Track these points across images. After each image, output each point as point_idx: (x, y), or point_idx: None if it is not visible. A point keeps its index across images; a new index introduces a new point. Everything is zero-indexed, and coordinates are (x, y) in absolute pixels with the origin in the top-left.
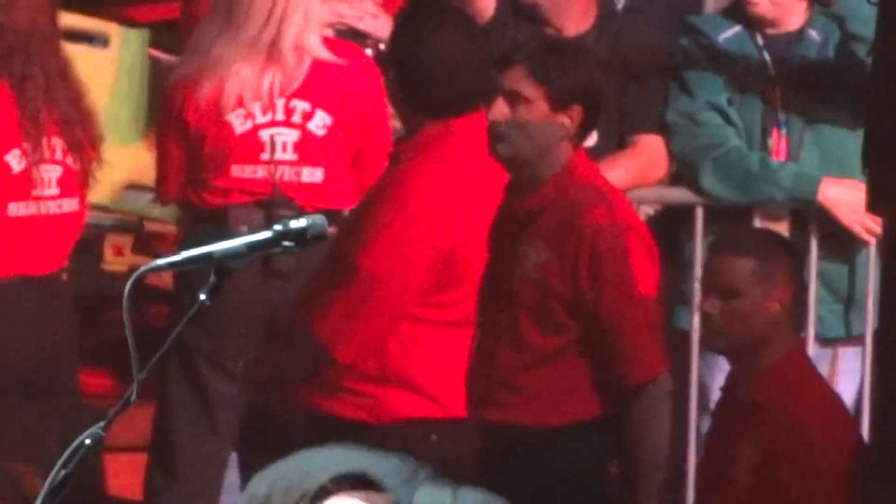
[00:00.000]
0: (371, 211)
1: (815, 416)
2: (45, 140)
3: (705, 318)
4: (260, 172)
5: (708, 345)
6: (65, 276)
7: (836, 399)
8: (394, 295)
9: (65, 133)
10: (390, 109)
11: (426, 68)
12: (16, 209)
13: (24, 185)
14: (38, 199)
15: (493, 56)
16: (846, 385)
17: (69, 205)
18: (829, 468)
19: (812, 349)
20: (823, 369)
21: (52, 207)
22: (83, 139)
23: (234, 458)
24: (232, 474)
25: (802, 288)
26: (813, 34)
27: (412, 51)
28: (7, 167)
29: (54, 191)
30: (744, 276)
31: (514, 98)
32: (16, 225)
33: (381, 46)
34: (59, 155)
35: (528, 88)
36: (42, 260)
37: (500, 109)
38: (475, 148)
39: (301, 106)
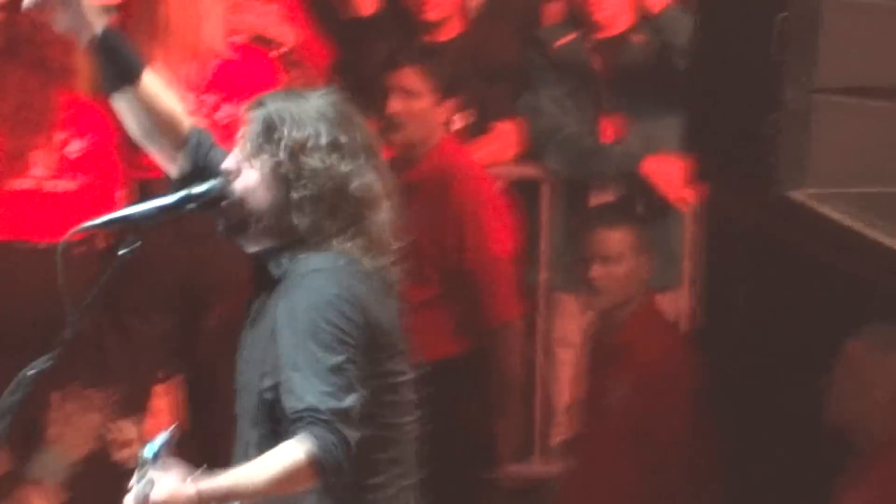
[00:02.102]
0: None
1: (668, 349)
2: None
3: (591, 281)
4: None
5: (591, 305)
6: None
7: (682, 336)
8: None
9: None
10: None
11: None
12: None
13: None
14: None
15: (379, 56)
16: None
17: None
18: (681, 393)
19: None
20: None
21: None
22: None
23: None
24: None
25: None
26: (635, 38)
27: None
28: None
29: None
30: (623, 245)
31: (407, 93)
32: None
33: (283, 50)
34: None
35: (419, 85)
36: None
37: (397, 103)
38: None
39: (209, 99)
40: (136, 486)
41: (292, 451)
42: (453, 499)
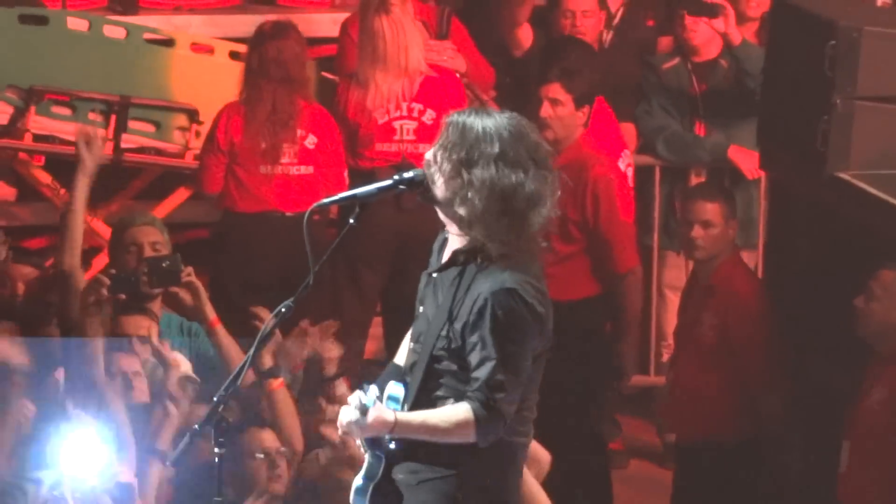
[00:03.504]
0: None
1: (747, 290)
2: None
3: (691, 240)
4: (393, 147)
5: (689, 256)
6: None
7: (758, 281)
8: None
9: None
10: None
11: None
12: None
13: None
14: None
15: (535, 74)
16: None
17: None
18: (756, 322)
19: None
20: None
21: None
22: None
23: None
24: None
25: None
26: (722, 63)
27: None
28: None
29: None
30: (717, 213)
31: (553, 102)
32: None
33: (458, 75)
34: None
35: (563, 96)
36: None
37: (547, 110)
38: None
39: (417, 106)
40: (351, 411)
41: (465, 414)
42: (590, 402)
